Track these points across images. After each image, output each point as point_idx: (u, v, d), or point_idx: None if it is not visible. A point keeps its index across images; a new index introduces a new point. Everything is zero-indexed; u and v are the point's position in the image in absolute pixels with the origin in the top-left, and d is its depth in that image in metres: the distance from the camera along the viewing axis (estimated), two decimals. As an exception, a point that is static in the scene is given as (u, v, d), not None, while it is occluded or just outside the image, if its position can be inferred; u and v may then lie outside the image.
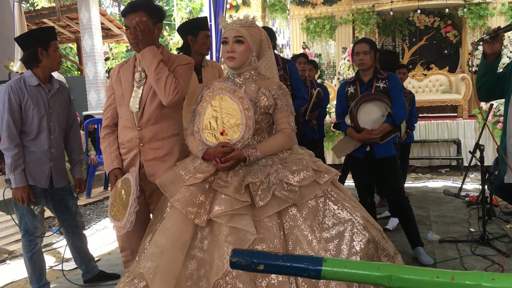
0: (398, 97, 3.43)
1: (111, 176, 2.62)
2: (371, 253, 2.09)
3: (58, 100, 3.10)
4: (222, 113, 2.21)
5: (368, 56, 3.40)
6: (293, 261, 0.99)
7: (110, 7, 22.96)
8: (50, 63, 3.00)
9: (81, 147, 3.30)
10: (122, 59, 16.40)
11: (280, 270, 1.01)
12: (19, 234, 4.61)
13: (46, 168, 3.04)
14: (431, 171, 7.53)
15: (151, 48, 2.48)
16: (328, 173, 2.18)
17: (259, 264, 1.01)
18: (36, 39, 2.97)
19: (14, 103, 2.90)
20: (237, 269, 1.04)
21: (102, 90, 8.49)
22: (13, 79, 3.00)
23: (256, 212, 2.05)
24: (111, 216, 2.51)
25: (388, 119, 3.38)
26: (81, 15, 8.31)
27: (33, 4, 16.38)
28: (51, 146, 3.05)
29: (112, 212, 2.50)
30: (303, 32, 9.33)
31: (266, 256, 1.04)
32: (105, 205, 6.12)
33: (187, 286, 2.02)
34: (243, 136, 2.17)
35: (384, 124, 3.38)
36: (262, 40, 2.33)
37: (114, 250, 4.25)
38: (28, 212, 3.04)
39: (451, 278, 0.84)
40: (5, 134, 2.88)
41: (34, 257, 3.12)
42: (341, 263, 0.96)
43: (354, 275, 0.93)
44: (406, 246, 3.68)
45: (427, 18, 8.83)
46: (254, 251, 1.04)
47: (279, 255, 1.01)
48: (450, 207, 5.12)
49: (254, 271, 1.03)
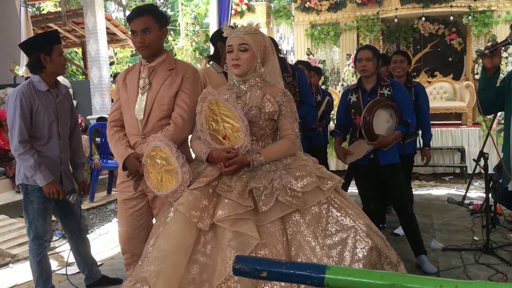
0: (407, 104, 3.44)
1: (131, 160, 2.51)
2: (374, 261, 2.09)
3: (64, 105, 3.13)
4: (221, 117, 2.22)
5: (371, 63, 3.40)
6: (296, 268, 0.99)
7: (116, 12, 23.10)
8: (55, 68, 3.00)
9: (83, 151, 3.33)
10: (127, 64, 16.47)
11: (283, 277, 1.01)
12: (21, 238, 4.62)
13: (57, 172, 3.07)
14: (435, 178, 7.50)
15: None
16: (332, 180, 2.19)
17: (262, 271, 1.01)
18: (38, 45, 2.97)
19: (26, 109, 2.91)
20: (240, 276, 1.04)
21: (107, 95, 8.53)
22: (23, 84, 3.01)
23: (259, 217, 2.06)
24: (157, 190, 2.34)
25: (400, 127, 3.40)
26: (87, 19, 8.35)
27: (39, 8, 16.50)
28: (61, 151, 3.09)
29: (157, 186, 2.34)
30: (307, 39, 9.35)
31: (269, 263, 1.04)
32: (108, 209, 6.13)
33: None
34: (244, 143, 2.18)
35: (397, 132, 3.40)
36: (266, 47, 2.35)
37: (116, 255, 4.24)
38: (39, 216, 3.04)
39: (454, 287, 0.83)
40: (18, 139, 2.89)
41: (42, 261, 3.12)
42: (344, 271, 0.96)
43: (357, 283, 0.93)
44: (409, 254, 3.66)
45: (432, 25, 8.83)
46: (257, 258, 1.04)
47: (282, 262, 1.01)
48: (454, 215, 5.10)
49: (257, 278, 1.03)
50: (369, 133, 3.34)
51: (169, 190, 2.25)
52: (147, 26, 2.51)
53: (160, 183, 2.31)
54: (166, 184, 2.28)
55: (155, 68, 2.61)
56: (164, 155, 2.29)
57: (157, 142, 2.30)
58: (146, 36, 2.52)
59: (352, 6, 9.04)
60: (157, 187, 2.33)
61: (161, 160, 2.30)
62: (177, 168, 2.22)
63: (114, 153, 2.64)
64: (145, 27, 2.51)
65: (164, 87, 2.56)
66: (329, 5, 9.07)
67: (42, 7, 16.21)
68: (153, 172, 2.35)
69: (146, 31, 2.51)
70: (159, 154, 2.31)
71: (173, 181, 2.24)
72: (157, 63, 2.61)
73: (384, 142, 3.36)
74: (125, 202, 2.66)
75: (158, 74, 2.59)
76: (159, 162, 2.31)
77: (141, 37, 2.51)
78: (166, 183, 2.28)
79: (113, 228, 5.18)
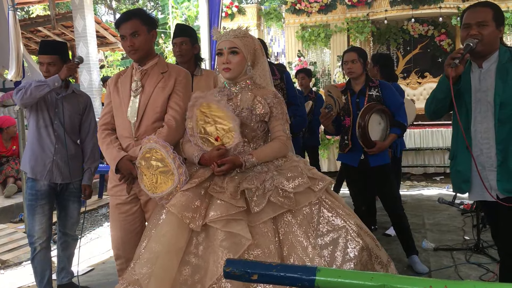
0: (397, 105, 3.47)
1: (124, 162, 2.50)
2: (364, 261, 2.11)
3: (69, 103, 3.21)
4: (213, 119, 2.22)
5: (357, 65, 3.43)
6: (286, 271, 0.99)
7: (106, 15, 23.02)
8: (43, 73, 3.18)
9: (96, 156, 3.35)
10: (118, 67, 16.41)
11: (273, 280, 1.01)
12: (11, 244, 4.59)
13: (47, 162, 3.12)
14: (426, 178, 7.54)
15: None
16: (323, 181, 2.21)
17: (253, 274, 1.01)
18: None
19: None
20: (231, 279, 1.04)
21: (97, 98, 8.47)
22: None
23: (251, 218, 2.07)
24: (151, 193, 2.32)
25: (395, 129, 3.43)
26: (76, 23, 8.30)
27: (28, 12, 16.39)
28: (55, 143, 3.15)
29: (151, 188, 2.33)
30: (298, 41, 9.38)
31: (259, 266, 1.03)
32: (100, 214, 6.09)
33: None
34: (238, 141, 2.18)
35: (392, 135, 3.43)
36: (256, 49, 2.37)
37: (108, 259, 4.22)
38: (29, 213, 3.15)
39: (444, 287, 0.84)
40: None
41: (35, 262, 3.19)
42: (334, 273, 0.96)
43: (347, 285, 0.93)
44: (401, 254, 3.68)
45: (421, 26, 8.90)
46: (248, 261, 1.04)
47: (272, 265, 1.01)
48: (445, 215, 5.13)
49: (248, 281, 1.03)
50: (366, 141, 3.35)
51: (164, 192, 2.24)
52: (135, 30, 2.52)
53: (155, 185, 2.30)
54: (161, 186, 2.27)
55: (147, 71, 2.61)
56: (160, 156, 2.28)
57: (152, 144, 2.30)
58: (135, 40, 2.53)
59: (342, 8, 9.08)
60: (152, 189, 2.31)
61: (156, 161, 2.29)
62: (174, 170, 2.21)
63: (106, 156, 2.61)
64: (133, 30, 2.52)
65: (157, 90, 2.57)
66: (319, 7, 9.11)
67: (31, 11, 16.10)
68: (148, 174, 2.34)
69: (135, 34, 2.52)
70: (154, 156, 2.30)
71: (169, 182, 2.24)
72: (149, 66, 2.62)
73: (382, 148, 3.39)
74: (118, 207, 2.65)
75: (150, 77, 2.60)
76: (154, 164, 2.30)
77: (130, 41, 2.53)
78: (161, 185, 2.27)
79: (104, 232, 5.15)
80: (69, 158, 3.19)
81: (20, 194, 5.31)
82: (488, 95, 2.34)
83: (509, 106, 2.28)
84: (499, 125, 2.31)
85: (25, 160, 3.19)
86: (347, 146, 3.51)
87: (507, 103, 2.28)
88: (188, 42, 3.34)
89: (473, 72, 2.42)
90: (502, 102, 2.29)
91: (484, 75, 2.37)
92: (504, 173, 2.33)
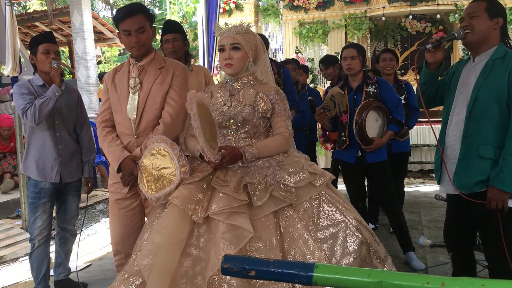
0: (395, 102, 3.47)
1: (127, 162, 2.47)
2: (363, 255, 2.16)
3: (63, 100, 3.15)
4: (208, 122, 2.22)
5: (356, 61, 3.43)
6: (284, 267, 1.00)
7: (103, 10, 22.92)
8: (41, 65, 3.10)
9: (92, 148, 3.36)
10: (115, 63, 16.36)
11: (271, 276, 1.01)
12: (8, 239, 4.58)
13: (54, 163, 3.11)
14: (423, 175, 7.56)
15: None
16: (323, 176, 2.24)
17: (250, 270, 1.01)
18: (30, 46, 3.14)
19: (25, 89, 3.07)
20: (228, 275, 1.04)
21: (94, 94, 8.46)
22: (22, 82, 3.18)
23: (253, 212, 2.09)
24: (150, 193, 2.29)
25: (393, 126, 3.44)
26: (73, 18, 8.27)
27: (25, 7, 16.31)
28: (58, 143, 3.13)
29: (150, 188, 2.31)
30: (296, 37, 9.37)
31: (257, 262, 1.04)
32: (97, 209, 6.09)
33: (182, 283, 2.04)
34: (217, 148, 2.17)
35: (390, 132, 3.45)
36: (258, 45, 2.39)
37: (105, 255, 4.21)
38: (30, 211, 3.17)
39: (441, 284, 0.84)
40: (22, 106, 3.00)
41: (32, 258, 3.20)
42: (332, 269, 0.96)
43: (345, 281, 0.93)
44: (398, 251, 3.69)
45: (419, 23, 8.89)
46: (245, 257, 1.04)
47: (270, 261, 1.01)
48: (442, 212, 5.12)
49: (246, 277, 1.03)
50: (363, 138, 3.36)
51: (162, 192, 2.23)
52: (141, 25, 2.51)
53: (154, 185, 2.29)
54: (161, 186, 2.26)
55: (144, 67, 2.59)
56: (164, 156, 2.28)
57: (160, 144, 2.30)
58: (142, 36, 2.52)
59: (340, 5, 9.07)
60: (151, 189, 2.30)
61: (160, 161, 2.29)
62: (176, 169, 2.21)
63: (109, 155, 2.59)
64: (139, 26, 2.50)
65: (156, 86, 2.56)
66: (317, 3, 9.10)
67: (28, 6, 16.02)
68: (149, 174, 2.33)
69: (141, 30, 2.51)
70: (159, 155, 2.30)
71: (169, 182, 2.23)
72: (146, 62, 2.60)
73: (380, 145, 3.39)
74: (118, 202, 2.64)
75: (148, 73, 2.58)
76: (158, 164, 2.30)
77: (136, 36, 2.51)
78: (161, 186, 2.26)
79: (102, 228, 5.14)
80: (73, 156, 3.21)
81: (17, 190, 5.30)
82: (469, 89, 2.36)
83: (482, 102, 2.29)
84: (469, 120, 2.33)
85: (29, 166, 3.13)
86: (344, 142, 3.51)
87: (482, 99, 2.29)
88: (180, 38, 3.33)
89: (466, 66, 2.44)
90: (477, 97, 2.30)
91: (472, 69, 2.39)
92: (463, 167, 2.35)
